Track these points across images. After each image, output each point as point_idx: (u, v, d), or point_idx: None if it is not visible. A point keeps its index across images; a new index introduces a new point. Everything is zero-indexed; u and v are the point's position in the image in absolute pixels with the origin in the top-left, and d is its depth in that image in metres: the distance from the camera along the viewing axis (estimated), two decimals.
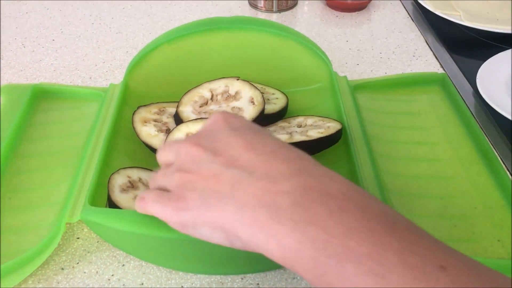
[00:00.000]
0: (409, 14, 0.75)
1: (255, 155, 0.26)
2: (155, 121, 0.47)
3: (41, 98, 0.53)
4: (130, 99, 0.49)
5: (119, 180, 0.40)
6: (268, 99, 0.49)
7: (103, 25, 0.73)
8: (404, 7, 0.77)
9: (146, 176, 0.42)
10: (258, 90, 0.47)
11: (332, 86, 0.51)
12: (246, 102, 0.46)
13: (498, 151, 0.48)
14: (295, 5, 0.78)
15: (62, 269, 0.38)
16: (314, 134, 0.43)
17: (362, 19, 0.74)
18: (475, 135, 0.47)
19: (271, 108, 0.48)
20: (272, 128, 0.46)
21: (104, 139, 0.43)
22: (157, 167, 0.33)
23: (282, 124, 0.47)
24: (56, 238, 0.37)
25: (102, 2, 0.79)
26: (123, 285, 0.37)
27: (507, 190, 0.41)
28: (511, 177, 0.42)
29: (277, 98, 0.50)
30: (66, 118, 0.51)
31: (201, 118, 0.44)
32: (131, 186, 0.40)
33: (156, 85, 0.52)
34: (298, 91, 0.53)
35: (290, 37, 0.51)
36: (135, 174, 0.41)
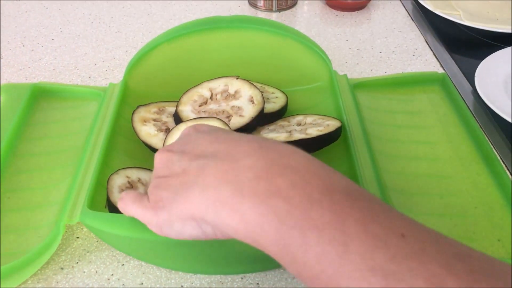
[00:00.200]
0: (409, 14, 0.75)
1: (219, 144, 0.27)
2: (155, 120, 0.47)
3: (40, 97, 0.53)
4: (130, 99, 0.49)
5: (118, 180, 0.40)
6: (267, 98, 0.49)
7: (103, 24, 0.73)
8: (404, 7, 0.77)
9: (146, 176, 0.42)
10: (258, 89, 0.47)
11: (331, 85, 0.51)
12: (246, 101, 0.46)
13: (498, 151, 0.48)
14: (295, 4, 0.78)
15: (62, 268, 0.38)
16: (314, 132, 0.43)
17: (362, 19, 0.74)
18: (475, 135, 0.47)
19: (271, 107, 0.48)
20: (271, 127, 0.46)
21: (103, 139, 0.43)
22: None
23: (281, 123, 0.47)
24: (56, 240, 0.37)
25: (102, 1, 0.79)
26: (123, 284, 0.37)
27: (507, 190, 0.41)
28: (511, 176, 0.42)
29: (276, 97, 0.50)
30: (66, 118, 0.51)
31: (200, 118, 0.44)
32: (130, 186, 0.40)
33: (155, 84, 0.52)
34: (298, 90, 0.53)
35: (290, 36, 0.51)
36: (134, 175, 0.41)
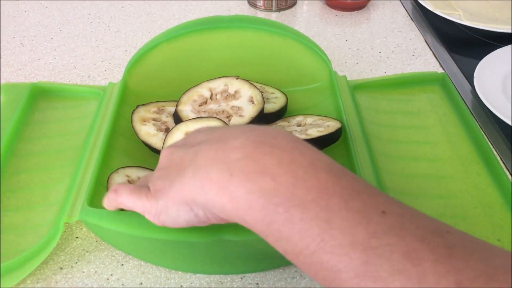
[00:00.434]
0: (408, 14, 0.75)
1: (214, 133, 0.28)
2: (154, 120, 0.47)
3: (39, 97, 0.53)
4: (129, 98, 0.49)
5: (118, 179, 0.40)
6: (267, 98, 0.49)
7: (102, 24, 0.73)
8: (403, 7, 0.77)
9: (145, 175, 0.42)
10: (258, 89, 0.47)
11: (331, 85, 0.51)
12: (246, 101, 0.46)
13: (497, 151, 0.48)
14: (294, 4, 0.78)
15: (61, 268, 0.38)
16: (314, 133, 0.43)
17: (362, 19, 0.74)
18: (475, 135, 0.47)
19: (271, 107, 0.48)
20: (271, 127, 0.46)
21: (103, 138, 0.43)
22: (156, 166, 0.33)
23: (281, 123, 0.47)
24: (54, 238, 0.37)
25: (101, 1, 0.79)
26: (122, 284, 0.37)
27: (507, 190, 0.41)
28: (511, 177, 0.42)
29: (276, 97, 0.50)
30: (65, 117, 0.51)
31: (200, 117, 0.44)
32: None
33: (155, 84, 0.52)
34: (298, 91, 0.53)
35: (289, 36, 0.51)
36: (134, 174, 0.41)
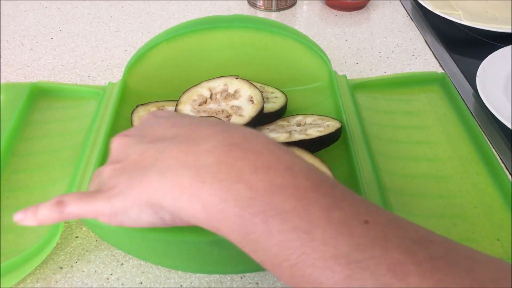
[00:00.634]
0: (408, 13, 0.75)
1: (179, 128, 0.26)
2: None
3: (39, 96, 0.53)
4: (129, 98, 0.49)
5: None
6: (267, 98, 0.49)
7: (102, 23, 0.73)
8: (403, 6, 0.77)
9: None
10: (257, 89, 0.47)
11: (331, 85, 0.51)
12: (245, 101, 0.46)
13: (497, 151, 0.48)
14: (294, 4, 0.78)
15: (61, 268, 0.38)
16: (314, 132, 0.43)
17: (361, 18, 0.74)
18: (475, 135, 0.47)
19: (270, 107, 0.48)
20: (271, 127, 0.46)
21: (102, 138, 0.43)
22: None
23: (281, 123, 0.47)
24: (54, 237, 0.37)
25: (101, 1, 0.79)
26: (122, 284, 0.37)
27: (507, 190, 0.41)
28: (511, 177, 0.42)
29: (276, 97, 0.50)
30: (65, 117, 0.51)
31: (200, 117, 0.44)
32: None
33: (154, 83, 0.52)
34: (298, 90, 0.53)
35: (289, 36, 0.51)
36: None
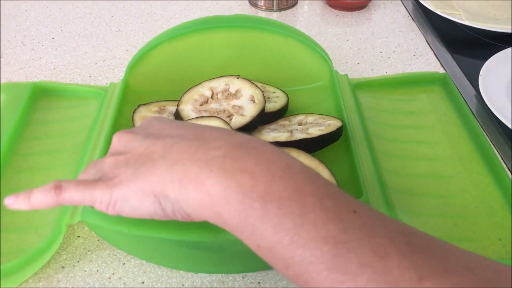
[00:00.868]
0: (409, 13, 0.75)
1: (186, 129, 0.28)
2: None
3: (40, 96, 0.53)
4: (130, 98, 0.49)
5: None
6: (268, 98, 0.49)
7: (103, 23, 0.73)
8: (404, 6, 0.77)
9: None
10: (259, 88, 0.47)
11: (332, 84, 0.51)
12: (247, 101, 0.46)
13: (498, 150, 0.48)
14: (295, 4, 0.78)
15: (63, 267, 0.38)
16: (315, 131, 0.43)
17: (363, 18, 0.74)
18: (476, 134, 0.47)
19: (272, 106, 0.48)
20: (272, 126, 0.46)
21: (104, 138, 0.43)
22: None
23: (282, 122, 0.47)
24: (57, 239, 0.37)
25: (102, 0, 0.79)
26: (124, 284, 0.37)
27: (508, 190, 0.41)
28: (511, 176, 0.43)
29: (277, 97, 0.50)
30: (66, 117, 0.51)
31: (201, 117, 0.44)
32: None
33: (156, 83, 0.52)
34: (299, 90, 0.53)
35: (290, 35, 0.51)
36: None
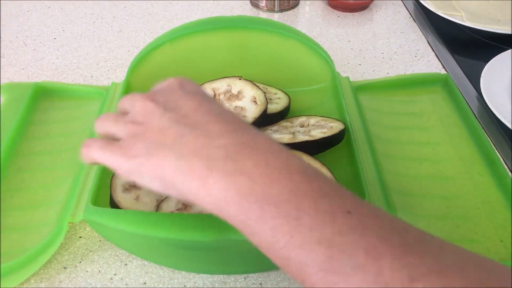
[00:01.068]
0: (410, 15, 0.75)
1: (201, 116, 0.29)
2: None
3: (42, 96, 0.53)
4: None
5: (122, 179, 0.40)
6: (270, 99, 0.49)
7: (105, 24, 0.73)
8: (405, 8, 0.77)
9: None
10: (261, 89, 0.47)
11: (334, 86, 0.51)
12: (249, 102, 0.46)
13: (500, 152, 0.48)
14: (297, 5, 0.78)
15: (65, 268, 0.38)
16: (317, 134, 0.43)
17: (364, 19, 0.74)
18: (477, 136, 0.47)
19: (274, 107, 0.48)
20: (274, 127, 0.46)
21: None
22: None
23: (284, 123, 0.47)
24: (58, 237, 0.37)
25: (104, 1, 0.79)
26: (126, 284, 0.37)
27: (509, 191, 0.41)
28: None
29: (279, 98, 0.50)
30: (68, 117, 0.51)
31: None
32: (134, 185, 0.40)
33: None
34: (301, 91, 0.53)
35: (292, 37, 0.51)
36: None
